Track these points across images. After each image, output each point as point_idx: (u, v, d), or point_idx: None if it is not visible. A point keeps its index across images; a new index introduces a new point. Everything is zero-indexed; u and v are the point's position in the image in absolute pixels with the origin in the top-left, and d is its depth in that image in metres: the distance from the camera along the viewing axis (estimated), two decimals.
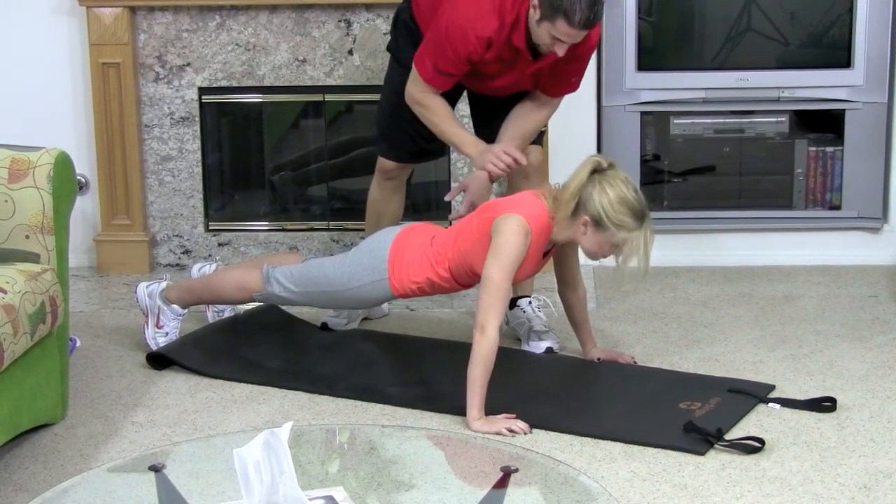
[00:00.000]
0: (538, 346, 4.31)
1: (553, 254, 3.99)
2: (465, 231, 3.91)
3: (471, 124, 4.46)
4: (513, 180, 4.38)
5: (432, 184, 5.31)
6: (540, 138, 4.43)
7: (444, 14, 4.05)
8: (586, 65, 4.21)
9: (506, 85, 4.20)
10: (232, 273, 4.26)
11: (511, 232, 3.74)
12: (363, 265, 4.00)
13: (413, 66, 4.12)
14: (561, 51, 3.96)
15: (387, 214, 4.55)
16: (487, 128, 4.32)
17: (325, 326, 4.48)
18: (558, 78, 4.18)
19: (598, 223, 3.73)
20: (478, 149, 4.12)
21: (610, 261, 3.87)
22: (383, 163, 4.46)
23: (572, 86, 4.25)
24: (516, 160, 4.08)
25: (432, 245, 3.96)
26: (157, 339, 4.27)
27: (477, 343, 3.66)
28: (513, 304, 4.40)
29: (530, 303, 4.41)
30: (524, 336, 4.36)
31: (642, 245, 3.74)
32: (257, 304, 4.40)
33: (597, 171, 3.75)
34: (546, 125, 4.43)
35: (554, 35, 3.92)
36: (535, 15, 3.92)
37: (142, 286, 4.34)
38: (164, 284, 4.32)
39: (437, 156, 4.58)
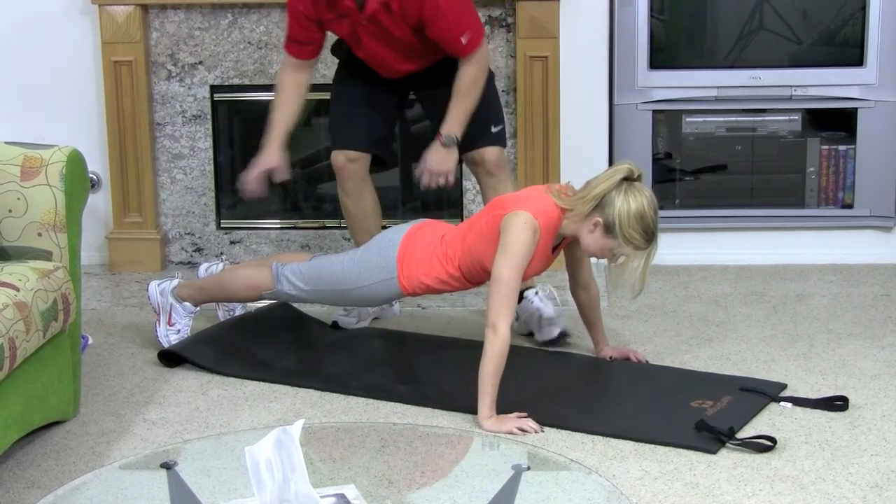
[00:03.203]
0: (551, 332, 4.34)
1: (563, 248, 3.99)
2: (474, 229, 3.91)
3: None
4: (479, 178, 4.43)
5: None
6: (502, 139, 4.39)
7: None
8: (453, 19, 4.12)
9: (371, 52, 4.21)
10: (242, 272, 4.27)
11: (519, 229, 3.74)
12: (372, 264, 4.00)
13: None
14: None
15: (363, 217, 4.51)
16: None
17: (335, 325, 4.48)
18: (444, 42, 4.15)
19: (608, 229, 3.72)
20: (265, 152, 4.30)
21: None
22: (335, 161, 4.42)
23: (465, 47, 4.15)
24: None
25: (441, 244, 3.96)
26: (170, 337, 4.28)
27: (489, 341, 3.65)
28: (520, 297, 4.41)
29: (537, 293, 4.42)
30: (536, 326, 4.38)
31: (641, 266, 3.74)
32: (268, 301, 4.41)
33: (627, 178, 3.73)
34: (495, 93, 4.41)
35: None
36: None
37: (153, 284, 4.35)
38: (175, 282, 4.33)
39: (370, 148, 4.45)
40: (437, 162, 4.22)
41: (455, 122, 4.22)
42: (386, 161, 4.62)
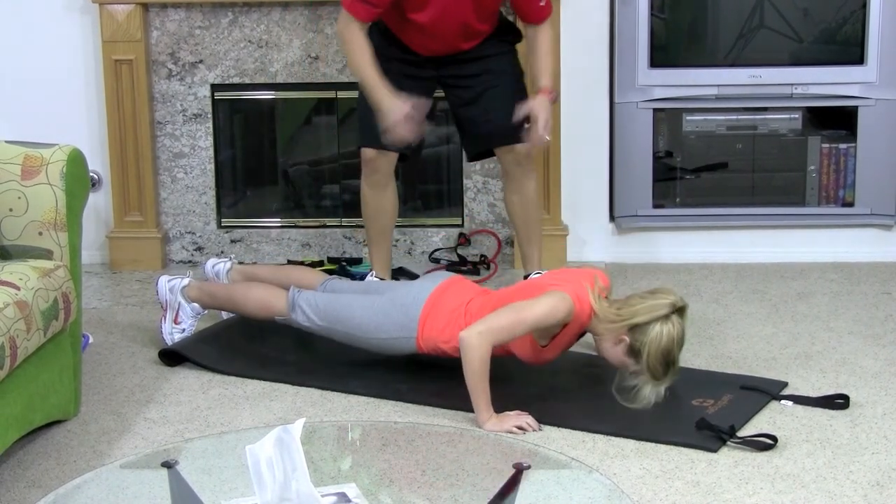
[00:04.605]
0: None
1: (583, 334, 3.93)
2: (505, 303, 3.80)
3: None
4: (506, 167, 4.46)
5: (445, 181, 5.31)
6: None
7: None
8: None
9: (437, 17, 4.21)
10: (257, 291, 4.21)
11: (558, 299, 3.68)
12: (392, 319, 3.94)
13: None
14: None
15: (381, 212, 4.55)
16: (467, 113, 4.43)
17: None
18: (526, 5, 4.26)
19: (634, 352, 3.64)
20: (388, 101, 4.17)
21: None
22: (365, 154, 4.46)
23: (542, 9, 4.29)
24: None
25: (466, 313, 3.87)
26: (174, 335, 4.28)
27: (470, 348, 3.60)
28: (526, 278, 4.46)
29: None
30: None
31: (654, 393, 3.63)
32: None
33: (673, 312, 3.64)
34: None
35: None
36: None
37: (163, 280, 4.33)
38: (186, 281, 4.31)
39: (414, 143, 4.49)
40: (549, 113, 4.23)
41: (550, 78, 4.30)
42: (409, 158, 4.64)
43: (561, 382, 4.02)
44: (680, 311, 3.65)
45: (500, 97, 4.32)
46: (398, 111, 4.18)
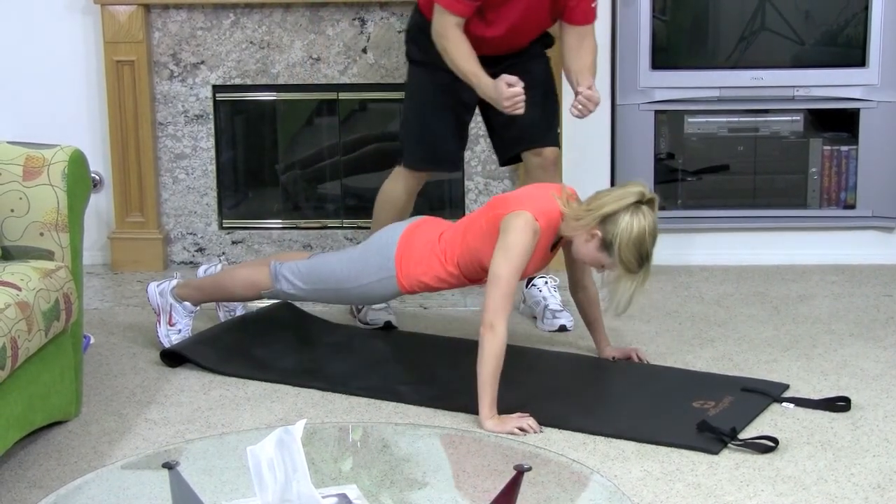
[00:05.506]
0: (553, 324, 4.43)
1: (561, 247, 3.98)
2: (474, 227, 3.91)
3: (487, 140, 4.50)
4: (531, 171, 4.44)
5: (445, 182, 5.31)
6: (557, 139, 4.46)
7: None
8: None
9: (520, 17, 4.20)
10: (241, 271, 4.27)
11: (520, 229, 3.74)
12: (370, 262, 4.01)
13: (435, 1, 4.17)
14: None
15: (400, 210, 4.56)
16: (501, 133, 4.42)
17: (388, 325, 4.49)
18: (580, 6, 4.24)
19: (605, 245, 3.71)
20: (494, 87, 4.10)
21: None
22: (404, 171, 4.48)
23: (592, 12, 4.28)
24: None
25: (440, 241, 3.97)
26: (171, 337, 4.28)
27: (487, 342, 3.65)
28: (528, 283, 4.46)
29: (546, 283, 4.48)
30: (540, 314, 4.48)
31: (629, 289, 3.72)
32: (269, 301, 4.42)
33: (640, 201, 3.70)
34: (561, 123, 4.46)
35: None
36: None
37: (152, 285, 4.35)
38: (174, 282, 4.33)
39: (457, 165, 4.61)
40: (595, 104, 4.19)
41: (593, 77, 4.24)
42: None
43: (561, 384, 4.02)
44: (649, 202, 3.71)
45: (532, 101, 4.30)
46: (505, 94, 4.10)
